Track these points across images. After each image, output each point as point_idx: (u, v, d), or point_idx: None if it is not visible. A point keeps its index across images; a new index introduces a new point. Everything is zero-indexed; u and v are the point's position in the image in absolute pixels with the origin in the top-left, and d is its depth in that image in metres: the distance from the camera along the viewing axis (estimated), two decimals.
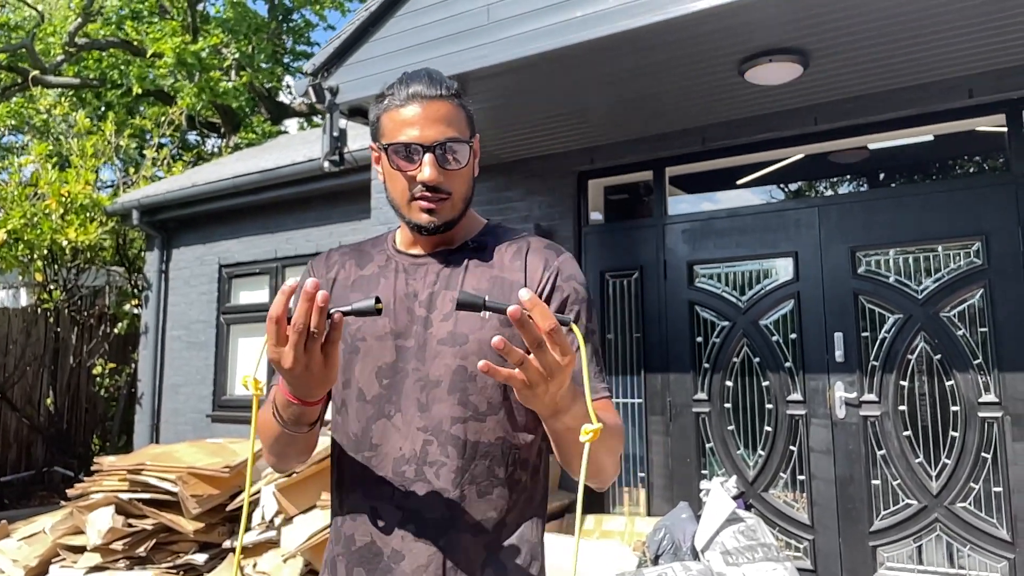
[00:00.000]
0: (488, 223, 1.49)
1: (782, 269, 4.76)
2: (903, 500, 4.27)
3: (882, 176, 4.93)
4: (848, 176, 4.96)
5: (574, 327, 1.08)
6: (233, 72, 10.76)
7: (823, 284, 4.60)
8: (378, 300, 1.12)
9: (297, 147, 7.62)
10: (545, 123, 4.92)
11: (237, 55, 10.72)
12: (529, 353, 1.04)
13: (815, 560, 4.48)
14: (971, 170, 4.69)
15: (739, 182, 5.20)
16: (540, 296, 1.32)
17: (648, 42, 3.71)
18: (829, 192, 4.98)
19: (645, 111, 4.75)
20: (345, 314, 1.12)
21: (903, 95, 4.34)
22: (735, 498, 4.49)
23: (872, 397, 4.39)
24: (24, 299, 11.03)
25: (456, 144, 1.33)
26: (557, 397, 1.09)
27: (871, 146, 4.79)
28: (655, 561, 4.35)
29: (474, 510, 1.30)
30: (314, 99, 4.48)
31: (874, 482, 4.35)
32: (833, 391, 4.49)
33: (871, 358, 4.42)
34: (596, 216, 5.61)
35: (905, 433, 4.29)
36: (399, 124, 1.33)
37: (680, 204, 5.30)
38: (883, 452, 4.33)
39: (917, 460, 4.25)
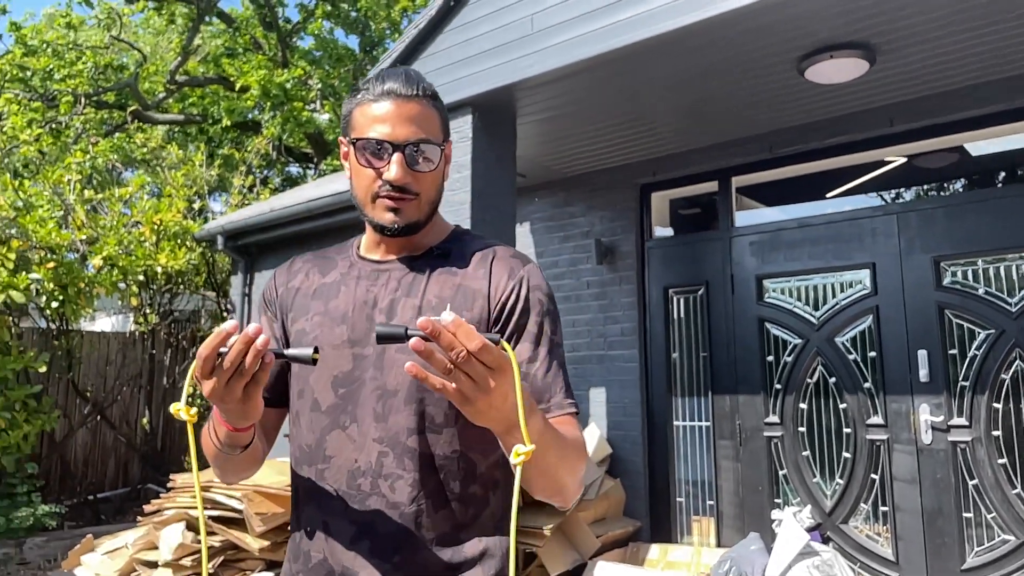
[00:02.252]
0: (455, 229, 1.45)
1: (859, 282, 4.42)
2: (999, 535, 3.84)
3: (967, 179, 4.53)
4: (929, 180, 4.57)
5: (504, 344, 1.03)
6: (318, 102, 11.16)
7: (904, 297, 4.24)
8: (316, 351, 1.10)
9: None
10: (603, 134, 4.78)
11: (320, 85, 11.10)
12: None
13: None
14: None
15: (812, 190, 4.89)
16: (503, 305, 1.30)
17: (697, 42, 3.53)
18: (908, 198, 4.61)
19: (707, 118, 4.54)
20: (278, 356, 1.11)
21: (987, 90, 3.98)
22: (810, 530, 4.17)
23: (962, 421, 3.99)
24: (132, 325, 11.66)
25: (427, 145, 1.30)
26: (506, 412, 1.04)
27: (954, 147, 4.40)
28: None
29: (430, 525, 1.25)
30: None
31: (966, 515, 3.93)
32: (918, 414, 4.11)
33: (960, 378, 4.02)
34: (662, 230, 5.40)
35: (1000, 461, 3.87)
36: (370, 120, 1.29)
37: (748, 215, 5.03)
38: (975, 482, 3.92)
39: (1014, 491, 3.82)
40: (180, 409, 1.13)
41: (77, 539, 6.18)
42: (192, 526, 5.34)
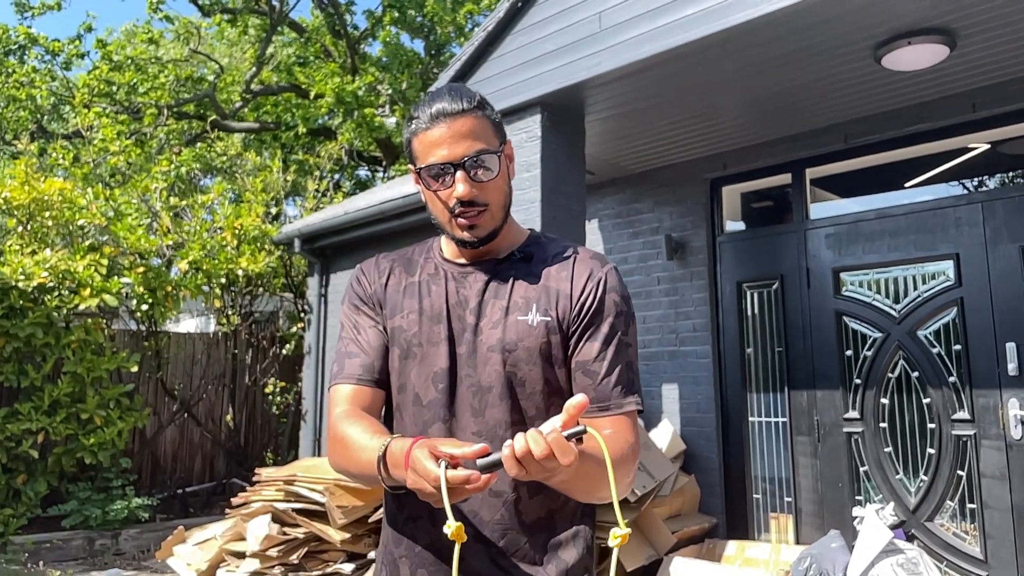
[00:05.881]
0: (532, 233, 1.55)
1: (941, 273, 4.30)
2: None
3: None
4: (1016, 167, 4.40)
5: (591, 431, 1.13)
6: (388, 107, 11.40)
7: (991, 289, 4.10)
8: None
9: None
10: (672, 130, 4.77)
11: (391, 91, 11.33)
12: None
13: None
14: None
15: (889, 180, 4.77)
16: (582, 305, 1.41)
17: (766, 35, 3.50)
18: (993, 185, 4.44)
19: (778, 110, 4.48)
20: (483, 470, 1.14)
21: None
22: (893, 527, 4.07)
23: None
24: (214, 326, 12.13)
25: (485, 155, 1.38)
26: (545, 478, 1.15)
27: None
28: None
29: (529, 510, 1.37)
30: None
31: None
32: (1006, 409, 3.97)
33: None
34: (733, 224, 5.34)
35: None
36: (428, 146, 1.38)
37: (823, 207, 4.93)
38: None
39: None
40: (455, 530, 1.10)
41: (168, 531, 6.48)
42: (277, 518, 5.54)
